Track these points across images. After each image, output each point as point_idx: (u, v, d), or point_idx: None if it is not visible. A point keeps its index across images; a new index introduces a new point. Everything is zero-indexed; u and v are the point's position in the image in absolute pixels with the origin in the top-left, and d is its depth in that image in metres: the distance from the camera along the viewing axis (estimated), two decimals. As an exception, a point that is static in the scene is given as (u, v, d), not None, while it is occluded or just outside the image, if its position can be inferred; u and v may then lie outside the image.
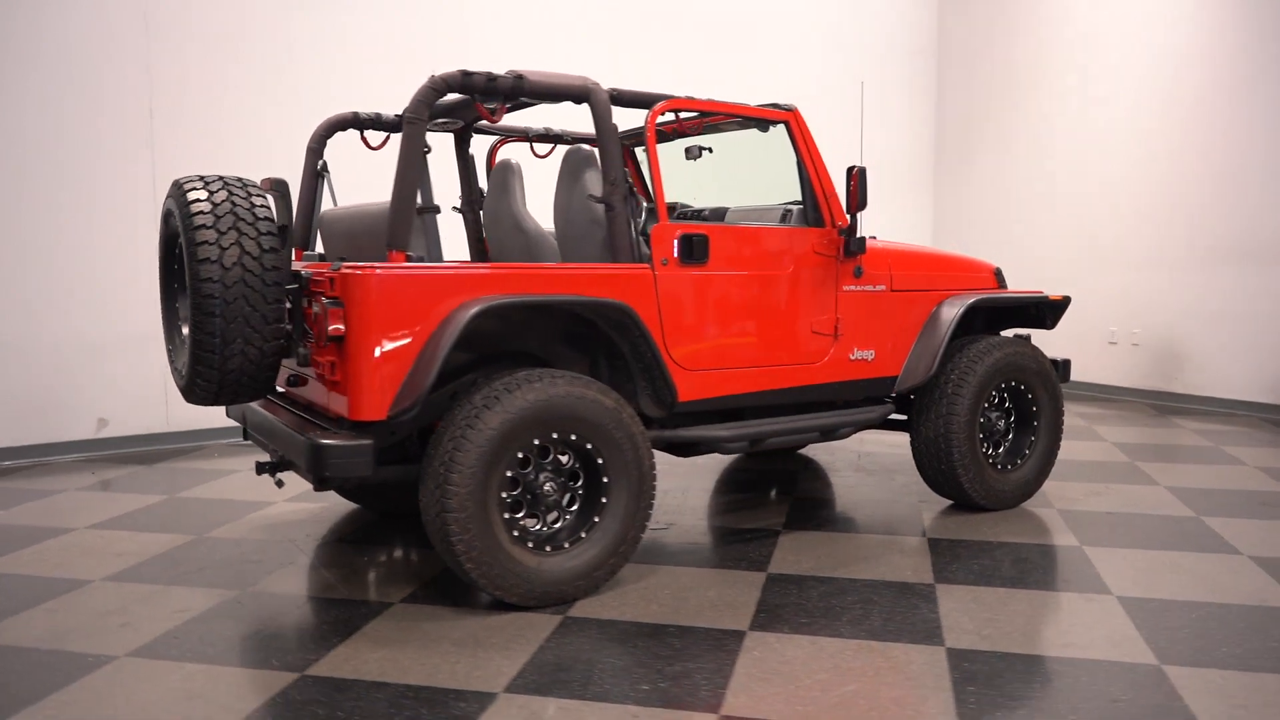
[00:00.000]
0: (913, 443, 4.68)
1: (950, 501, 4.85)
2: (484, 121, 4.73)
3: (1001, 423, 4.80)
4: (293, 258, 3.60)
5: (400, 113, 4.39)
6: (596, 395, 3.52)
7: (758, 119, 4.21)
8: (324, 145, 4.46)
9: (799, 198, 4.35)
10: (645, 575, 3.85)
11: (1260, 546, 4.16)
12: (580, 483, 3.61)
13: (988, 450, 4.78)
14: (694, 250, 3.88)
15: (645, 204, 5.19)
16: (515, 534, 3.43)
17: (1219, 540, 4.25)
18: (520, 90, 3.61)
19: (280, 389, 4.11)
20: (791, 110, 4.21)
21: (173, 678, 2.95)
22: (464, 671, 2.97)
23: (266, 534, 4.44)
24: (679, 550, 4.19)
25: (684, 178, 5.17)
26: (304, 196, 4.46)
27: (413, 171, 3.41)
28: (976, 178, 9.49)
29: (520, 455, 3.42)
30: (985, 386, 4.59)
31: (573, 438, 3.50)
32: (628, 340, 3.73)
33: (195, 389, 3.46)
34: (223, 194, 3.40)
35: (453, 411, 3.36)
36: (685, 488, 5.28)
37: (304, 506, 4.90)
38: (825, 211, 4.25)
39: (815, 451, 6.21)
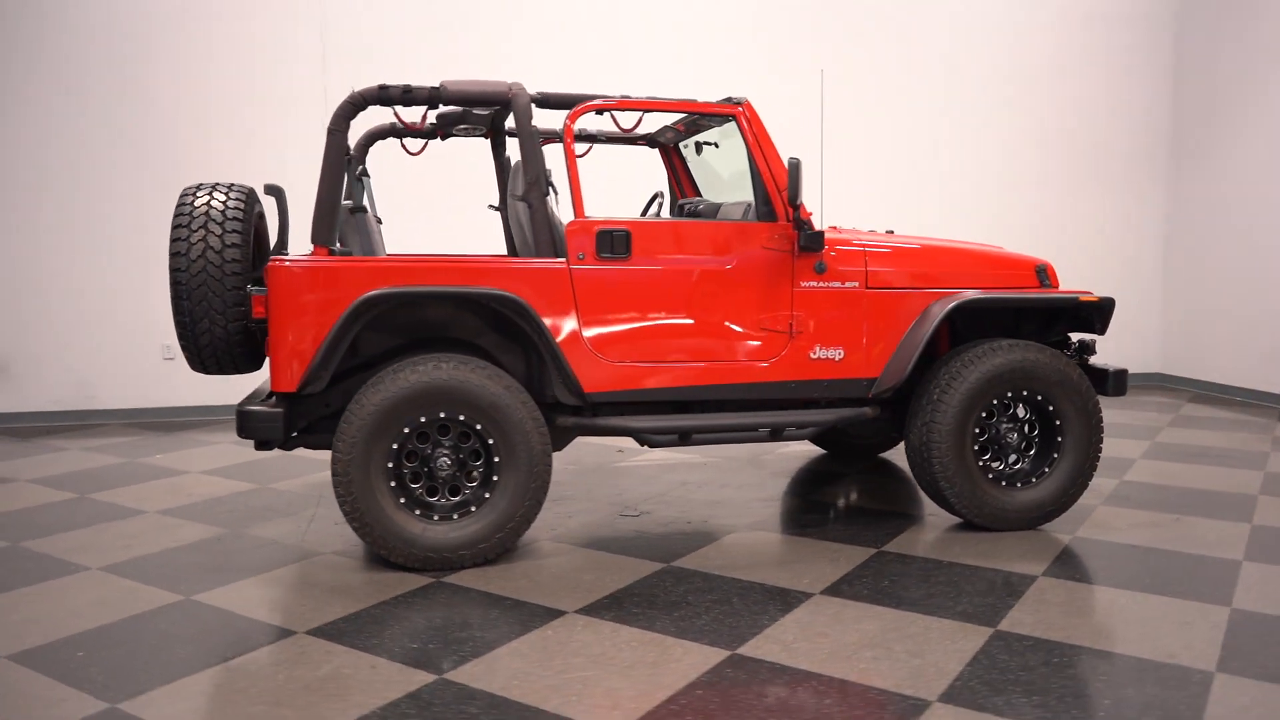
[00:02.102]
0: (906, 450, 4.40)
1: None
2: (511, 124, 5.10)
3: (1013, 435, 4.35)
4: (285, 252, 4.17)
5: (433, 122, 4.89)
6: (482, 380, 3.78)
7: (707, 113, 4.19)
8: (365, 153, 5.08)
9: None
10: (552, 554, 4.05)
11: (1267, 601, 3.47)
12: (481, 461, 3.90)
13: (1000, 465, 4.36)
14: (613, 245, 3.99)
15: (687, 202, 5.30)
16: (402, 501, 3.80)
17: (1223, 590, 3.58)
18: (439, 99, 3.95)
19: None
20: (740, 104, 4.15)
21: (105, 588, 3.68)
22: (298, 613, 3.42)
23: (309, 489, 5.18)
24: (613, 536, 4.31)
25: (726, 174, 5.19)
26: (351, 199, 5.11)
27: (334, 176, 3.89)
28: (1219, 167, 8.19)
29: (407, 431, 3.78)
30: (979, 394, 4.19)
31: (461, 418, 3.80)
32: (533, 331, 3.94)
33: (186, 359, 4.19)
34: (204, 199, 4.08)
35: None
36: (706, 480, 5.31)
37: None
38: (778, 206, 4.14)
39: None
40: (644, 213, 5.24)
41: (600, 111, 4.14)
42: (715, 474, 5.48)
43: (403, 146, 5.13)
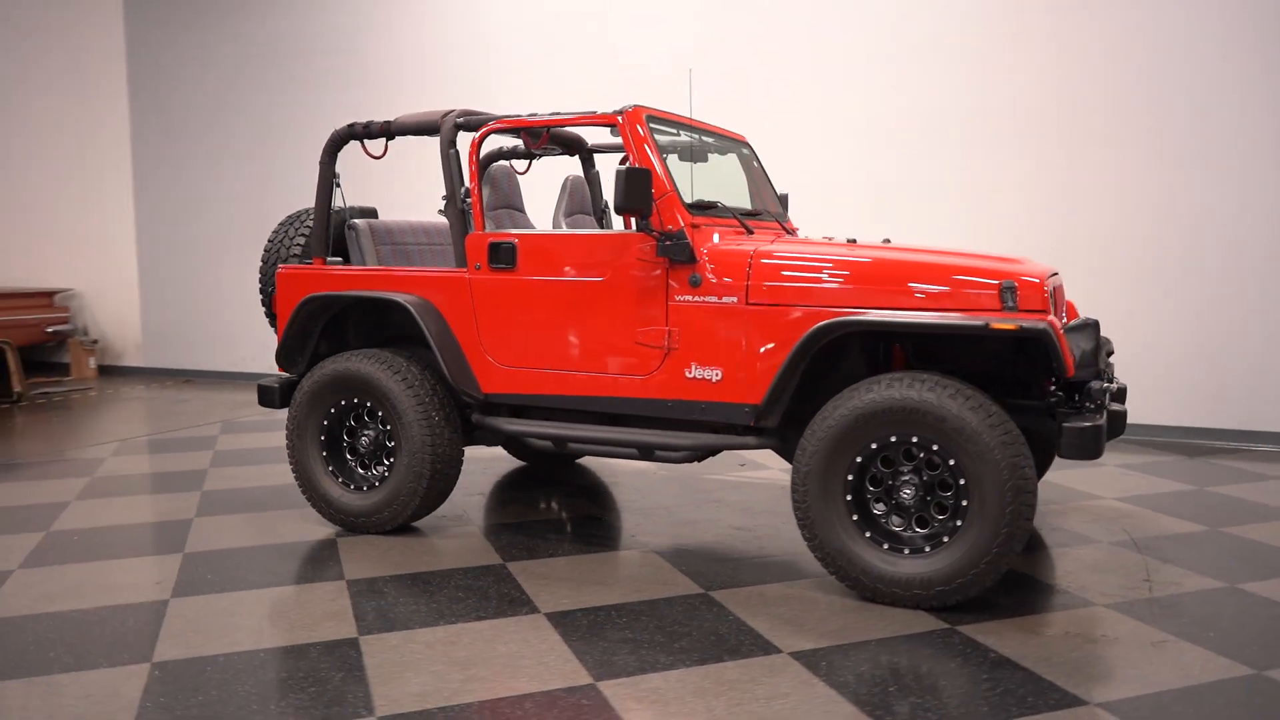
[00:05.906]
0: (796, 490, 3.86)
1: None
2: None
3: (908, 491, 3.54)
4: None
5: (526, 148, 5.52)
6: (378, 372, 4.36)
7: (594, 125, 4.17)
8: (482, 172, 5.84)
9: None
10: (442, 536, 4.45)
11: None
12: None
13: (903, 526, 3.59)
14: (500, 257, 4.25)
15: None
16: (330, 470, 4.56)
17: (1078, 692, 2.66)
18: (392, 131, 4.60)
19: None
20: (623, 112, 4.05)
21: (153, 507, 4.99)
22: (201, 540, 4.39)
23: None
24: (527, 537, 4.49)
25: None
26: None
27: (325, 199, 4.77)
28: None
29: (333, 411, 4.53)
30: (848, 435, 3.53)
31: (369, 404, 4.44)
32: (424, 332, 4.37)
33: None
34: (292, 217, 5.27)
35: (319, 376, 4.68)
36: (737, 499, 5.02)
37: (492, 451, 6.22)
38: (654, 217, 3.96)
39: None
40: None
41: (517, 130, 4.39)
42: (767, 498, 5.14)
43: (510, 167, 5.79)
